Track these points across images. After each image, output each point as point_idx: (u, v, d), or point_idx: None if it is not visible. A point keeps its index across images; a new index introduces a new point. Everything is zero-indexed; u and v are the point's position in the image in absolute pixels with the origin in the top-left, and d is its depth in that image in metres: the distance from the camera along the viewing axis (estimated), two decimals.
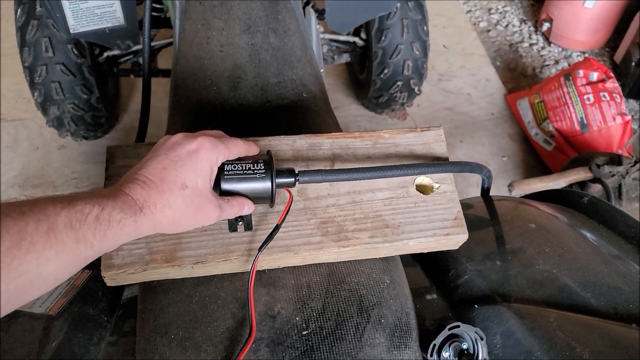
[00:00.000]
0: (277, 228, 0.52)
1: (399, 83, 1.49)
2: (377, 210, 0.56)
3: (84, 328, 0.59)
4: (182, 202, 0.44)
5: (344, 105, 1.79)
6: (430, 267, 0.68)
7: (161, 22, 1.41)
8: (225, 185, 0.49)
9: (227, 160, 0.50)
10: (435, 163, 0.57)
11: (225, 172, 0.49)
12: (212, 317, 0.52)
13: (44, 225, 0.36)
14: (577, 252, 0.60)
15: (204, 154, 0.46)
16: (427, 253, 0.60)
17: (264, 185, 0.50)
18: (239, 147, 0.50)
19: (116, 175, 0.54)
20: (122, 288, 0.67)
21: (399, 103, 1.60)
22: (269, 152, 0.52)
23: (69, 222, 0.37)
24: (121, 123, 1.71)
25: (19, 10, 1.31)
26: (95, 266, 0.67)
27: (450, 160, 0.61)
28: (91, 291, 0.64)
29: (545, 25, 2.01)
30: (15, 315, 0.58)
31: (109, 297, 0.64)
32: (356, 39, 1.54)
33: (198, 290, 0.54)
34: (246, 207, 0.51)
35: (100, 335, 0.60)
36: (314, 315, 0.52)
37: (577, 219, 0.69)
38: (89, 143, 1.65)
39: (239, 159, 0.51)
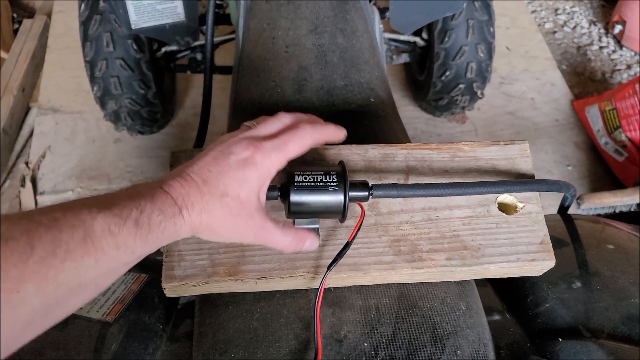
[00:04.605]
0: (347, 245, 0.48)
1: (460, 86, 1.42)
2: (455, 229, 0.51)
3: (140, 337, 0.57)
4: (220, 210, 0.41)
5: (400, 107, 1.73)
6: (504, 289, 0.63)
7: (220, 18, 1.39)
8: (295, 197, 0.46)
9: (298, 170, 0.47)
10: (522, 181, 0.52)
11: (296, 184, 0.46)
12: (274, 337, 0.49)
13: (79, 231, 0.33)
14: None
15: (253, 166, 0.42)
16: None
17: (336, 199, 0.46)
18: (307, 143, 0.46)
19: None
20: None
21: (460, 106, 1.53)
22: (341, 163, 0.49)
23: (107, 227, 0.34)
24: (176, 119, 1.71)
25: (83, 5, 1.32)
26: (152, 271, 0.65)
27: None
28: (147, 297, 0.62)
29: (618, 28, 1.90)
30: (72, 318, 0.56)
31: (165, 304, 0.62)
32: (417, 39, 1.48)
33: (259, 306, 0.51)
34: (307, 243, 0.46)
35: (155, 345, 0.58)
36: (383, 342, 0.48)
37: None
38: (143, 137, 1.67)
39: (311, 168, 0.47)
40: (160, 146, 1.65)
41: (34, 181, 1.59)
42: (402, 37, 1.49)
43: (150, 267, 0.68)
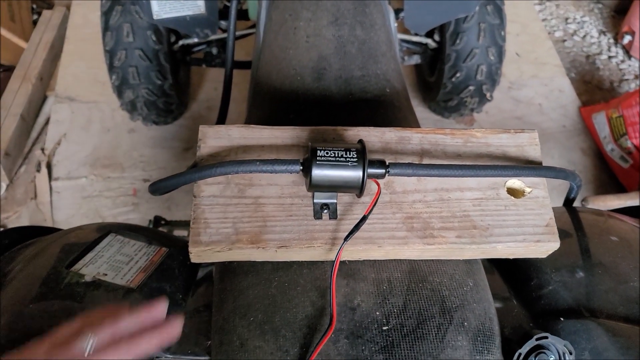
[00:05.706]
0: (364, 219, 0.51)
1: (470, 88, 1.45)
2: (465, 210, 0.54)
3: None
4: None
5: None
6: (509, 274, 0.65)
7: (238, 13, 1.43)
8: (317, 171, 0.49)
9: (320, 145, 0.50)
10: (531, 166, 0.55)
11: (318, 158, 0.49)
12: (291, 304, 0.52)
13: None
14: None
15: None
16: (507, 260, 0.57)
17: (355, 174, 0.49)
18: None
19: (208, 155, 0.55)
20: (197, 268, 0.68)
21: (469, 108, 1.56)
22: (361, 141, 0.52)
23: None
24: (190, 111, 1.75)
25: None
26: (171, 245, 0.68)
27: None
28: (168, 269, 0.65)
29: (627, 38, 1.93)
30: (98, 284, 0.59)
31: (184, 276, 0.65)
32: (429, 41, 1.51)
33: (277, 275, 0.54)
34: None
35: (176, 313, 0.61)
36: (394, 312, 0.51)
37: None
38: (157, 128, 1.70)
39: (332, 145, 0.50)
40: (174, 137, 1.68)
41: (49, 167, 1.63)
42: (414, 39, 1.52)
43: (170, 242, 0.71)
